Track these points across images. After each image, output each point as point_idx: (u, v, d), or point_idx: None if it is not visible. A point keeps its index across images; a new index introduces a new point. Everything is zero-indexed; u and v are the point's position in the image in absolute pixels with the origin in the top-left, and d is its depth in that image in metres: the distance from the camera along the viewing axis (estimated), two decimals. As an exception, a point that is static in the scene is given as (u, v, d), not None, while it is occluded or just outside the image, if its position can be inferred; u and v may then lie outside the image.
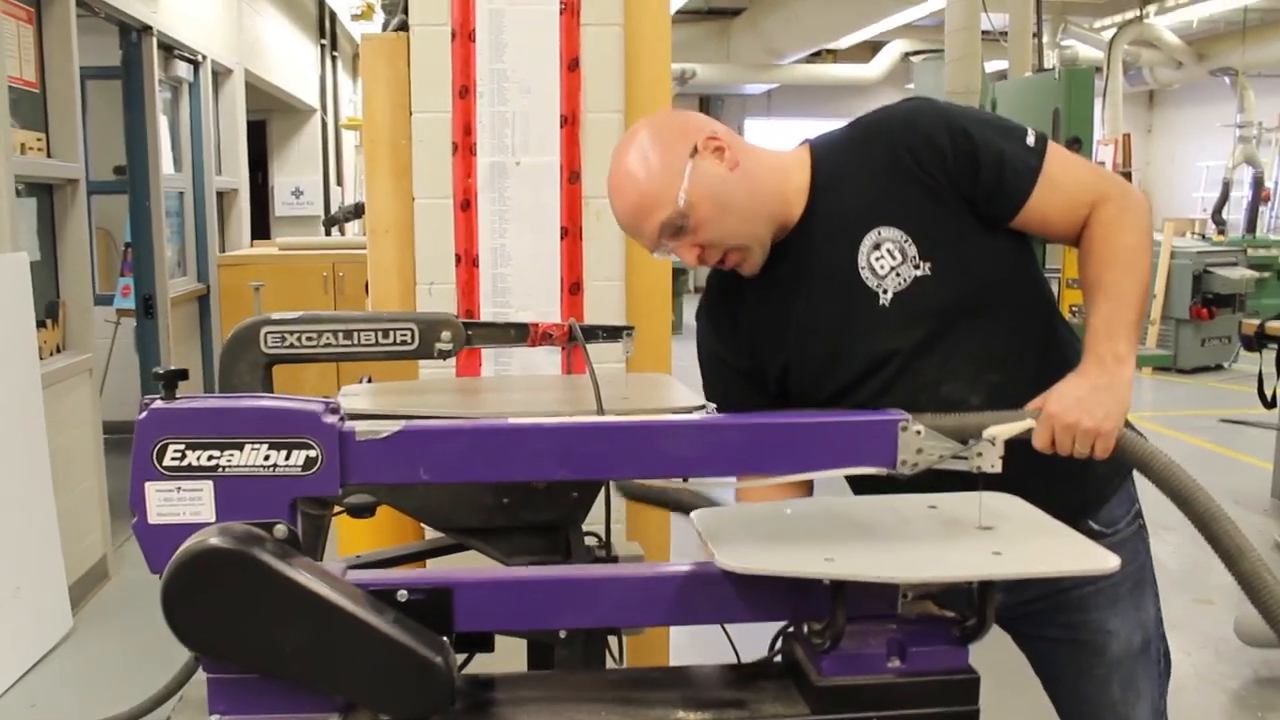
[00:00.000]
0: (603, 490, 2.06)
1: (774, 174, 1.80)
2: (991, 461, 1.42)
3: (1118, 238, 1.71)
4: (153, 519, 1.29)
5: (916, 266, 1.74)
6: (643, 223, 1.74)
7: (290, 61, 8.77)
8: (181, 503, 1.29)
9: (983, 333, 1.78)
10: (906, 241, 1.74)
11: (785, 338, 1.84)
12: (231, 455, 1.29)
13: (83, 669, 4.05)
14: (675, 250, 1.77)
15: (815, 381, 1.85)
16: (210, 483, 1.29)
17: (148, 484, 1.29)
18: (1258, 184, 11.97)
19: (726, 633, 1.73)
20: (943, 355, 1.76)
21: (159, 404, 1.30)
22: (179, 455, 1.28)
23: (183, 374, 1.36)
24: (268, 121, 9.21)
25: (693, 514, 1.47)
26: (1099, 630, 1.88)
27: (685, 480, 1.52)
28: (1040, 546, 1.42)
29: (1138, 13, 13.07)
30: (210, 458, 1.28)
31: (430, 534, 2.39)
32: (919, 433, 1.39)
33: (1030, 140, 1.77)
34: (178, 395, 1.32)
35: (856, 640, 1.37)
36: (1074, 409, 1.59)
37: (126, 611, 4.52)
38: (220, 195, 6.72)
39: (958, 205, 1.74)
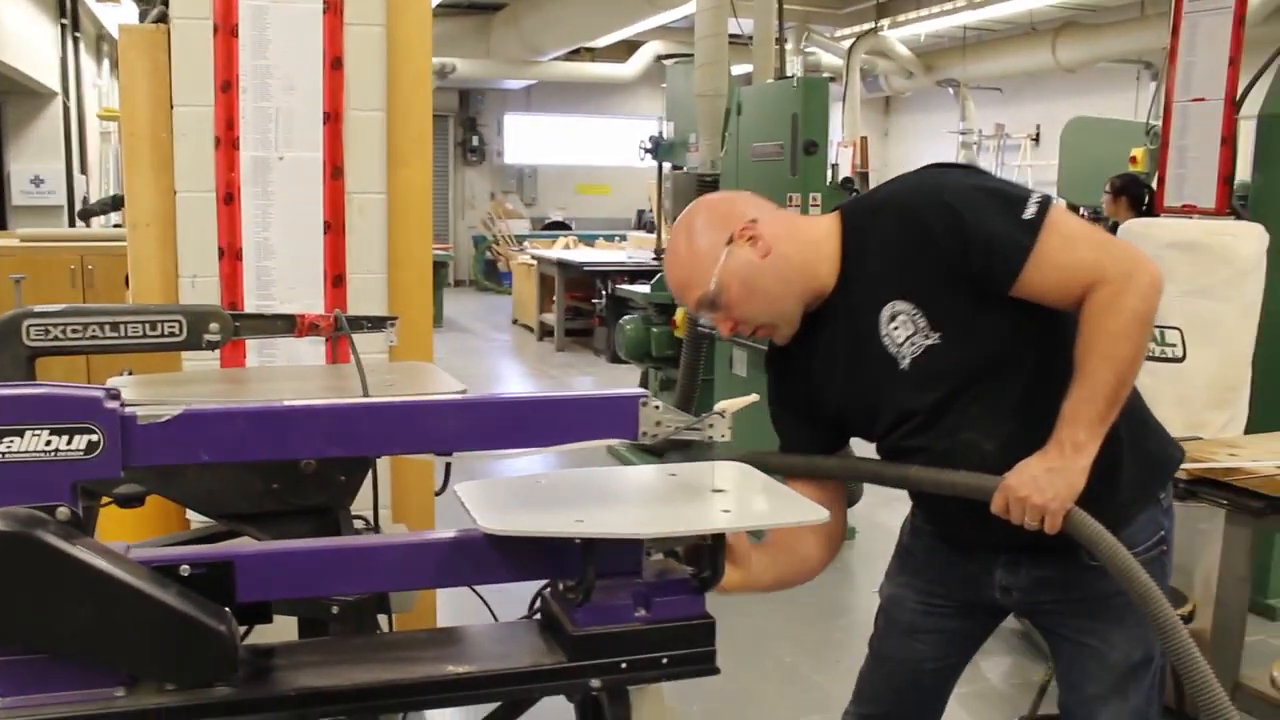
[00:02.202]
0: (369, 473, 2.16)
1: (805, 250, 1.93)
2: (722, 432, 1.62)
3: (1104, 323, 1.74)
4: (-69, 505, 1.33)
5: (927, 336, 1.87)
6: (684, 296, 1.95)
7: (28, 42, 8.29)
8: (-39, 488, 1.33)
9: (997, 390, 1.88)
10: (917, 314, 1.86)
11: (832, 392, 2.01)
12: (12, 441, 1.34)
13: None
14: (714, 320, 1.95)
15: (864, 427, 2.04)
16: (-10, 468, 1.34)
17: (-74, 471, 1.32)
18: (979, 186, 12.98)
19: (480, 596, 1.87)
20: (961, 408, 1.89)
21: (-65, 393, 1.33)
22: (-43, 443, 1.32)
23: (-41, 364, 1.39)
24: (2, 105, 8.67)
25: (457, 487, 1.61)
26: (1102, 639, 1.99)
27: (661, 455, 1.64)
28: (764, 505, 1.63)
29: (873, 25, 13.94)
30: (-10, 444, 1.33)
31: (196, 526, 2.43)
32: (658, 408, 1.57)
33: (1028, 214, 1.79)
34: (-47, 385, 1.36)
35: (606, 594, 1.54)
36: (1027, 485, 1.77)
37: None
38: (-53, 183, 6.33)
39: (960, 280, 1.82)
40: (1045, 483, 1.77)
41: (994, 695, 3.90)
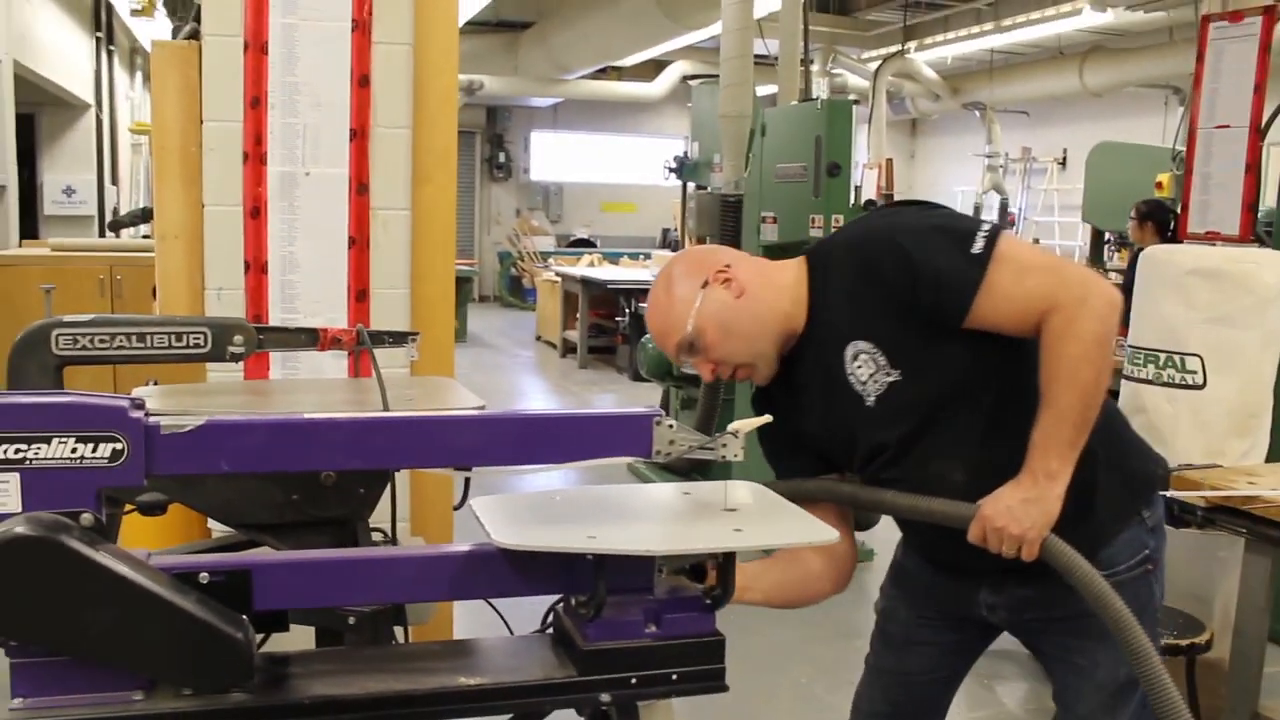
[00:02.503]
0: (388, 487, 2.19)
1: (777, 293, 1.98)
2: (735, 451, 1.63)
3: (1064, 349, 1.78)
4: (-41, 509, 1.36)
5: (888, 374, 1.92)
6: (664, 342, 2.01)
7: (63, 54, 8.41)
8: (-12, 494, 1.37)
9: (964, 420, 1.93)
10: (877, 352, 1.92)
11: (811, 428, 2.07)
12: (39, 448, 1.37)
13: None
14: (695, 365, 2.01)
15: (844, 460, 2.09)
16: (17, 474, 1.37)
17: (-46, 476, 1.36)
18: (1003, 209, 12.98)
19: (497, 610, 1.90)
20: (929, 440, 1.94)
21: (-34, 400, 1.37)
22: (-14, 448, 1.36)
23: (-12, 371, 1.43)
24: (37, 116, 8.79)
25: (472, 502, 1.63)
26: (1088, 658, 2.02)
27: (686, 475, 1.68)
28: (775, 525, 1.65)
29: (900, 48, 13.97)
30: (18, 450, 1.36)
31: (217, 535, 2.46)
32: (671, 426, 1.59)
33: (977, 248, 1.82)
34: (-16, 392, 1.39)
35: (617, 610, 1.56)
36: (1003, 515, 1.81)
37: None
38: (-15, 192, 6.43)
39: (912, 317, 1.87)
40: (1021, 512, 1.81)
41: (1010, 719, 3.89)
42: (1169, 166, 6.88)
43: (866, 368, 1.94)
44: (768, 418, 1.74)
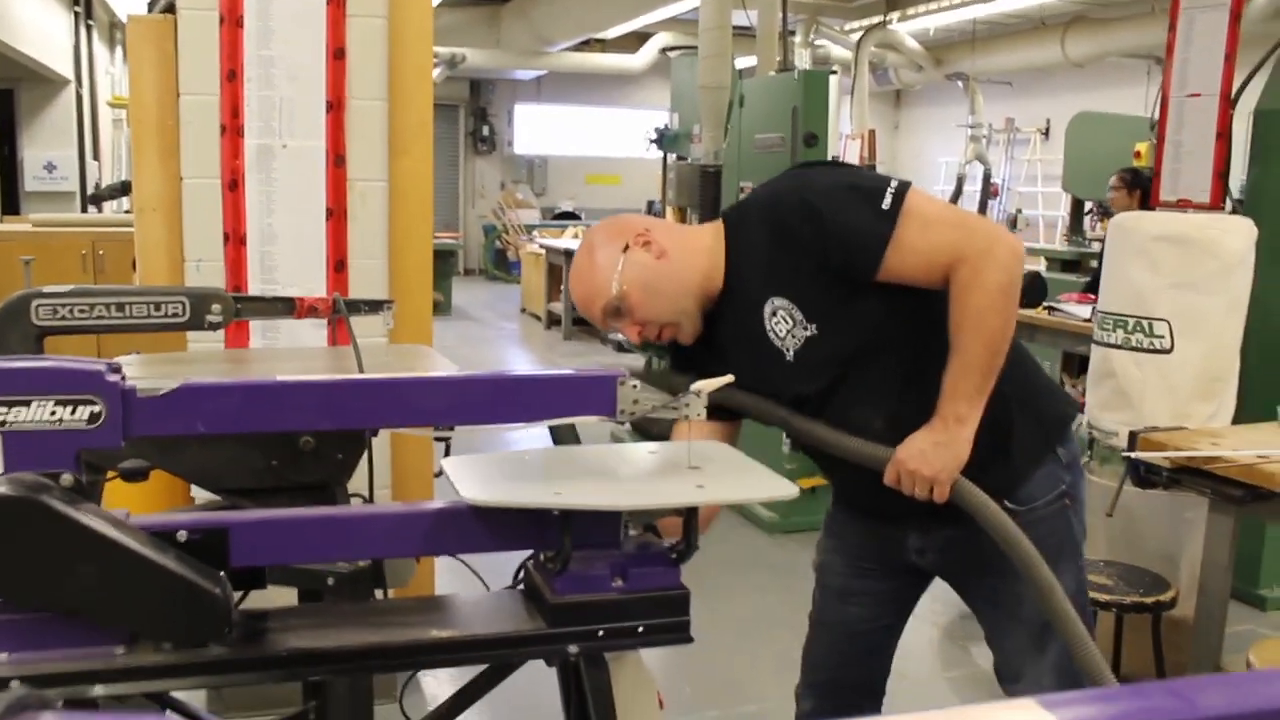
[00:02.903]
0: (366, 452, 2.23)
1: (696, 255, 2.05)
2: (698, 410, 1.68)
3: (969, 299, 1.86)
4: (-59, 471, 1.41)
5: (805, 329, 1.98)
6: (589, 307, 2.04)
7: (42, 29, 8.38)
8: (-30, 455, 1.41)
9: (877, 371, 2.00)
10: (793, 308, 1.98)
11: (736, 383, 2.11)
12: (19, 411, 1.41)
13: None
14: (620, 329, 2.06)
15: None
16: (-2, 436, 1.41)
17: (-64, 439, 1.40)
18: (986, 179, 13.01)
19: (473, 570, 1.95)
20: (847, 390, 2.01)
21: (-53, 365, 1.41)
22: (-33, 412, 1.40)
23: (-31, 338, 1.47)
24: (16, 91, 8.76)
25: (443, 460, 1.68)
26: (1012, 594, 2.07)
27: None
28: (737, 481, 1.70)
29: (882, 18, 13.95)
30: (-2, 413, 1.41)
31: (200, 503, 2.51)
32: (635, 386, 1.64)
33: (885, 204, 1.89)
34: (-36, 357, 1.44)
35: (585, 564, 1.61)
36: (916, 458, 1.89)
37: None
38: (-38, 168, 6.43)
39: (825, 273, 1.94)
40: (933, 455, 1.88)
41: (984, 679, 3.96)
42: (1148, 136, 6.91)
43: (784, 323, 2.00)
44: (729, 378, 1.77)
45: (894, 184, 1.92)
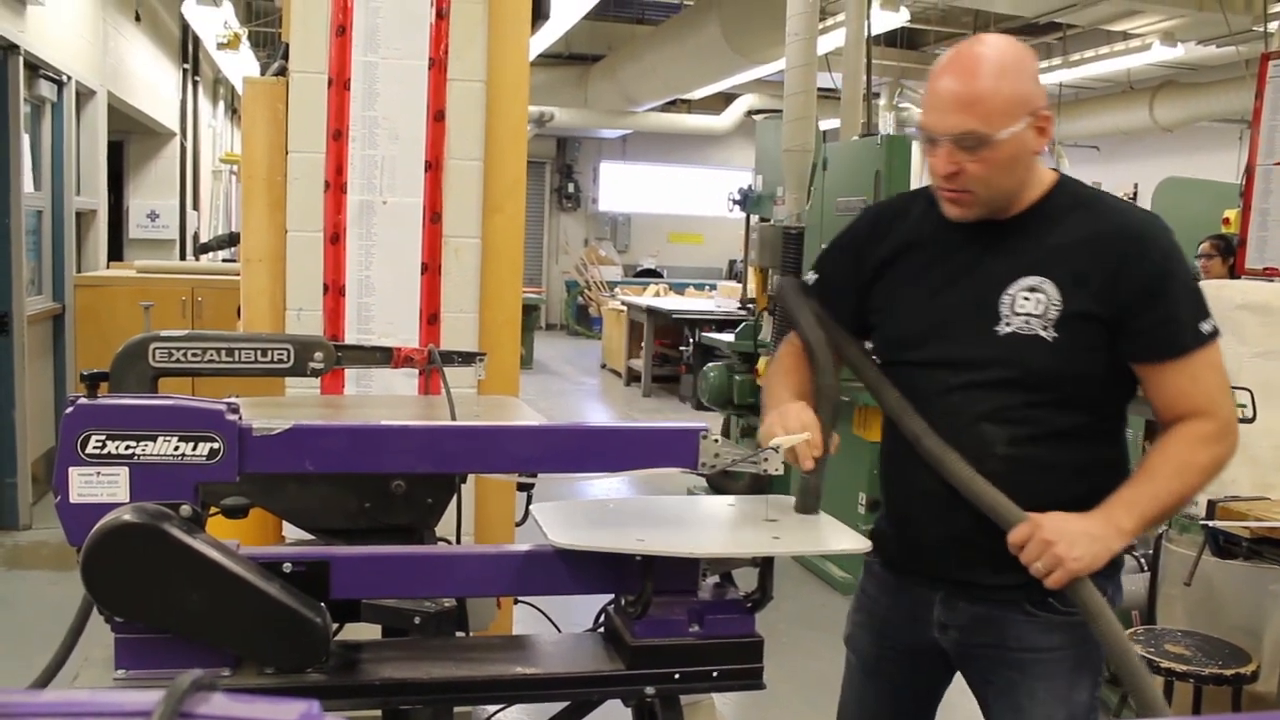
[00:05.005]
0: (454, 497, 2.33)
1: (1037, 173, 1.93)
2: (775, 466, 1.75)
3: (1196, 451, 1.83)
4: (74, 499, 1.53)
5: (1044, 329, 1.86)
6: (950, 112, 1.82)
7: (152, 84, 8.79)
8: (100, 485, 1.53)
9: (1044, 414, 1.89)
10: (1053, 306, 1.85)
11: (912, 288, 2.00)
12: (146, 445, 1.53)
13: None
14: (939, 153, 1.85)
15: (898, 338, 2.02)
16: (126, 468, 1.53)
17: (71, 469, 1.53)
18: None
19: (548, 617, 2.03)
20: (1002, 402, 1.89)
21: (83, 400, 1.54)
22: (100, 445, 1.53)
23: (104, 375, 1.60)
24: (125, 143, 9.16)
25: (532, 506, 1.77)
26: (1028, 695, 1.97)
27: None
28: (811, 534, 1.76)
29: (968, 81, 13.96)
30: (127, 447, 1.53)
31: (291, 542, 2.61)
32: (716, 441, 1.71)
33: (1205, 328, 1.85)
34: (98, 395, 1.56)
35: (664, 609, 1.68)
36: (1060, 534, 1.77)
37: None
38: (78, 216, 6.73)
39: (1110, 316, 1.84)
40: (1080, 543, 1.78)
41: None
42: (1237, 202, 6.86)
43: (1030, 306, 1.87)
44: (807, 435, 1.80)
45: (1211, 323, 1.89)
